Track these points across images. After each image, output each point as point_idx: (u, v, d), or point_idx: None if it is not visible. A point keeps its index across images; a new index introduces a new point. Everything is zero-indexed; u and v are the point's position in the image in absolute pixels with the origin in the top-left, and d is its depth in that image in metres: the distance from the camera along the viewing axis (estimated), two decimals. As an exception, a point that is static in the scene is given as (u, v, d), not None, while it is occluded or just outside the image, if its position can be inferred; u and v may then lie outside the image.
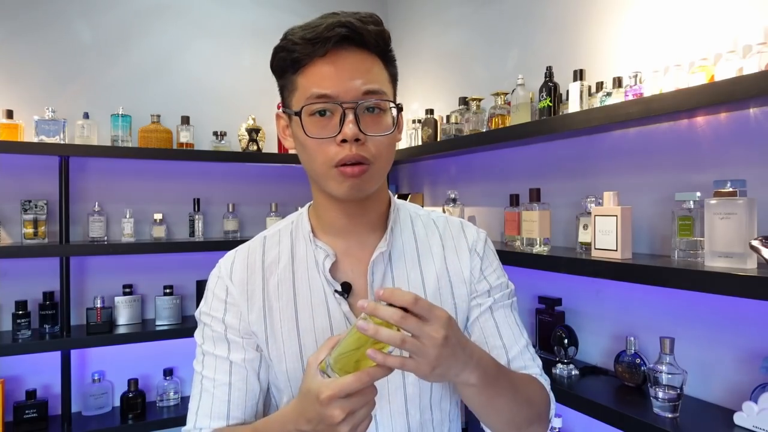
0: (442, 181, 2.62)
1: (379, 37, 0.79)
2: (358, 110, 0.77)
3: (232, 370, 0.87)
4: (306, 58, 0.77)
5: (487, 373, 0.74)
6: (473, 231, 0.97)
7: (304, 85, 0.78)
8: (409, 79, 2.89)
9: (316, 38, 0.75)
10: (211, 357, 0.88)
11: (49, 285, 2.35)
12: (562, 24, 1.90)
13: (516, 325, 0.92)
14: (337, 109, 0.77)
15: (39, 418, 2.23)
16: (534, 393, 0.86)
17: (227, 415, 0.85)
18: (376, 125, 0.79)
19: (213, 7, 2.74)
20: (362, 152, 0.78)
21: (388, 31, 0.81)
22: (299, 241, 0.91)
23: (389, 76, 0.83)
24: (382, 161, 0.81)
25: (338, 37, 0.75)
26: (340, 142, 0.77)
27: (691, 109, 1.28)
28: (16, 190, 2.35)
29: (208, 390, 0.86)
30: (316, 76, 0.77)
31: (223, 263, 0.92)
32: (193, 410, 0.87)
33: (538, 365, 0.92)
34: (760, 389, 1.23)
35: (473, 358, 0.72)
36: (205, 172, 2.72)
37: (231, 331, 0.87)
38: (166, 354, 2.56)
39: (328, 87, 0.76)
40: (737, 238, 1.17)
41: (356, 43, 0.77)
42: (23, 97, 2.37)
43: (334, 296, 0.86)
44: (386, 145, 0.81)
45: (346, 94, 0.76)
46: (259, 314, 0.87)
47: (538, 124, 1.71)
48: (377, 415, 0.85)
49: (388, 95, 0.81)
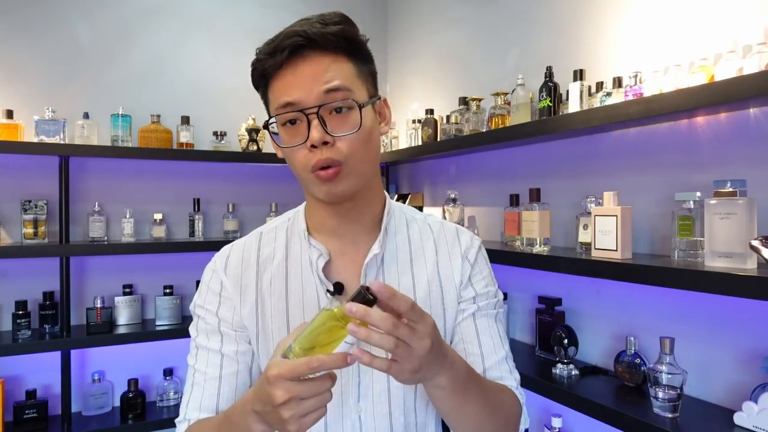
0: (442, 181, 2.62)
1: (339, 36, 0.78)
2: (322, 113, 0.77)
3: (223, 363, 0.88)
4: (270, 70, 0.79)
5: (457, 377, 0.74)
6: (468, 237, 0.96)
7: (272, 97, 0.81)
8: (409, 79, 2.89)
9: (275, 50, 0.78)
10: (203, 351, 0.89)
11: (49, 285, 2.35)
12: (562, 24, 1.90)
13: (497, 336, 0.92)
14: (301, 115, 0.78)
15: (39, 418, 2.23)
16: (505, 402, 0.85)
17: (216, 408, 0.86)
18: (343, 125, 0.79)
19: (213, 7, 2.74)
20: (332, 155, 0.78)
21: (354, 29, 0.81)
22: (294, 239, 0.92)
23: (358, 72, 0.82)
24: (357, 159, 0.80)
25: (293, 46, 0.77)
26: (310, 148, 0.78)
27: (691, 109, 1.28)
28: (16, 190, 2.35)
29: (199, 383, 0.88)
30: (279, 87, 0.79)
31: (219, 257, 0.93)
32: (184, 403, 0.89)
33: (515, 379, 0.91)
34: (760, 389, 1.23)
35: (447, 362, 0.72)
36: (205, 172, 2.72)
37: (224, 324, 0.89)
38: (166, 354, 2.56)
39: (290, 95, 0.78)
40: (737, 238, 1.17)
41: (313, 47, 0.77)
42: (23, 97, 2.37)
43: (326, 295, 0.86)
44: (360, 142, 0.80)
45: (308, 100, 0.77)
46: (251, 309, 0.88)
47: (538, 124, 1.71)
48: (361, 416, 0.85)
49: (353, 91, 0.79)
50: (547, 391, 1.60)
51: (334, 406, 0.85)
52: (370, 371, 0.85)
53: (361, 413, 0.85)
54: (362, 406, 0.86)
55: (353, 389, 0.86)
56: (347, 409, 0.85)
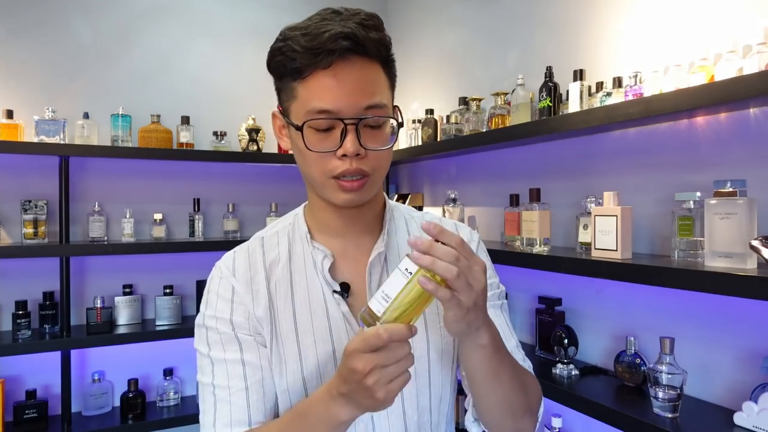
0: (442, 181, 2.62)
1: (380, 44, 0.78)
2: (359, 125, 0.76)
3: (246, 373, 0.83)
4: (307, 68, 0.75)
5: (495, 337, 0.75)
6: (466, 232, 0.97)
7: (305, 96, 0.77)
8: (409, 79, 2.89)
9: (319, 49, 0.73)
10: (221, 364, 0.83)
11: (49, 285, 2.35)
12: (562, 24, 1.90)
13: (506, 325, 0.92)
14: (338, 123, 0.76)
15: (39, 418, 2.23)
16: (529, 382, 0.87)
17: (249, 420, 0.82)
18: (376, 139, 0.79)
19: (213, 7, 2.74)
20: (362, 166, 0.78)
21: (389, 36, 0.80)
22: (296, 243, 0.91)
23: (389, 82, 0.82)
24: (381, 171, 0.82)
25: (342, 50, 0.73)
26: (340, 156, 0.77)
27: (691, 109, 1.28)
28: (16, 190, 2.35)
29: (224, 399, 0.82)
30: (317, 89, 0.75)
31: (223, 264, 0.90)
32: (209, 422, 0.82)
33: (528, 366, 0.92)
34: (760, 389, 1.23)
35: (488, 318, 0.73)
36: (205, 172, 2.72)
37: (240, 330, 0.85)
38: (166, 354, 2.56)
39: (329, 102, 0.75)
40: (737, 238, 1.17)
41: (359, 53, 0.75)
42: (23, 97, 2.37)
43: (333, 296, 0.86)
44: (385, 157, 0.82)
45: (348, 110, 0.75)
46: (265, 311, 0.86)
47: (538, 124, 1.71)
48: (374, 416, 0.84)
49: (388, 107, 0.80)
50: (547, 391, 1.60)
51: None
52: None
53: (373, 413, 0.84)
54: None
55: None
56: None
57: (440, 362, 0.89)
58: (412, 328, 0.67)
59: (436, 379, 0.88)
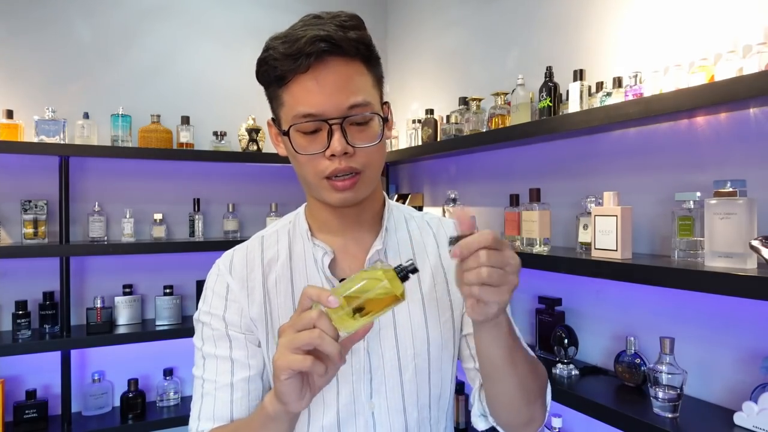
0: (442, 181, 2.62)
1: (360, 42, 0.78)
2: (344, 124, 0.77)
3: (233, 369, 0.86)
4: (289, 74, 0.77)
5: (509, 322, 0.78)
6: None
7: (290, 101, 0.79)
8: (409, 79, 2.89)
9: (297, 54, 0.75)
10: (212, 359, 0.87)
11: (49, 285, 2.35)
12: (562, 24, 1.90)
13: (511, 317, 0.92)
14: (323, 125, 0.77)
15: (39, 418, 2.23)
16: (538, 368, 0.87)
17: (231, 416, 0.84)
18: (363, 136, 0.79)
19: (213, 7, 2.74)
20: (352, 164, 0.79)
21: (369, 34, 0.81)
22: (297, 240, 0.92)
23: (374, 79, 0.83)
24: (374, 168, 0.83)
25: (319, 52, 0.75)
26: (329, 156, 0.78)
27: (691, 109, 1.28)
28: (16, 190, 2.35)
29: (210, 393, 0.85)
30: (300, 94, 0.77)
31: (222, 261, 0.92)
32: (194, 415, 0.86)
33: None
34: (760, 389, 1.23)
35: None
36: (205, 172, 2.72)
37: (232, 328, 0.87)
38: (166, 354, 2.56)
39: (312, 105, 0.76)
40: (737, 238, 1.17)
41: (337, 53, 0.76)
42: (23, 97, 2.37)
43: None
44: (376, 152, 0.82)
45: (332, 110, 0.76)
46: (260, 309, 0.88)
47: (538, 124, 1.71)
48: (374, 412, 0.85)
49: (373, 104, 0.80)
50: (547, 391, 1.60)
51: (346, 404, 0.84)
52: (381, 367, 0.85)
53: (374, 409, 0.85)
54: (375, 402, 0.85)
55: (365, 386, 0.85)
56: (359, 407, 0.85)
57: (440, 359, 0.89)
58: (326, 301, 0.66)
59: (436, 375, 0.89)
